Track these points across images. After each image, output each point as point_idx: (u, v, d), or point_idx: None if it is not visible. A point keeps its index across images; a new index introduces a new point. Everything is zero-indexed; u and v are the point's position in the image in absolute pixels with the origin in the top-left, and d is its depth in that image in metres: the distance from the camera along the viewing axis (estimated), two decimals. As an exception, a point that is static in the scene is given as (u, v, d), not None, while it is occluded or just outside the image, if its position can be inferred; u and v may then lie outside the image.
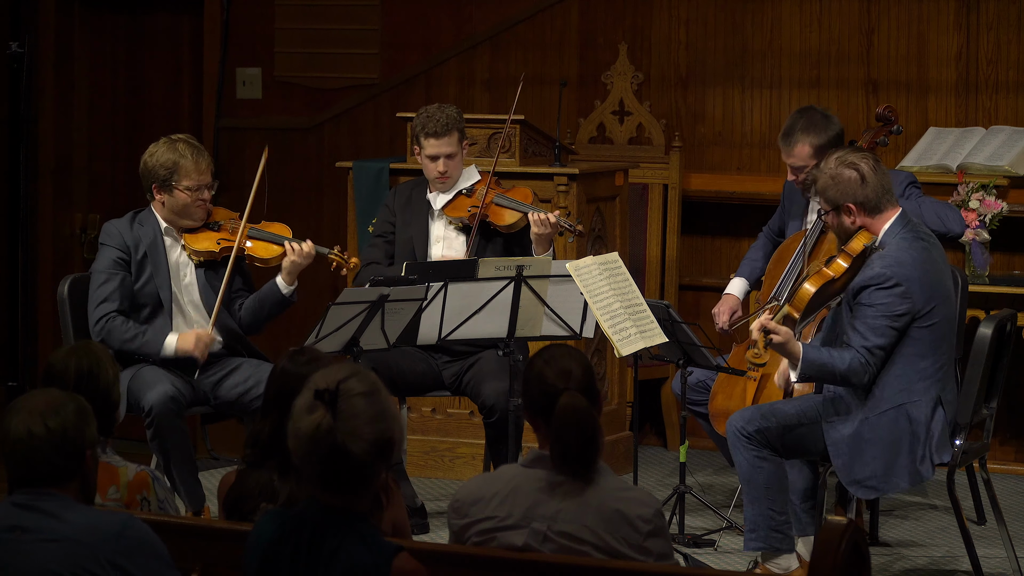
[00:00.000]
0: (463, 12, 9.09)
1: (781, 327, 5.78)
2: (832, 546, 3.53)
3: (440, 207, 6.95)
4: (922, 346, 5.81)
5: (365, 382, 3.53)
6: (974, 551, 6.09)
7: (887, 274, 5.76)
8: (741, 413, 6.00)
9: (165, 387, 6.30)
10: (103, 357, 4.56)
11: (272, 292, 6.64)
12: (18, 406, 3.85)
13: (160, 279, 6.55)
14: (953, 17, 8.28)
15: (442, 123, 6.87)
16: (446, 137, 6.88)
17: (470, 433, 7.77)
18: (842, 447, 5.82)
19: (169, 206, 6.58)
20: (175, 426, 6.27)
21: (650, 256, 8.51)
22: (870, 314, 5.77)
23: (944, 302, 5.87)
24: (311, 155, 9.31)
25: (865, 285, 5.78)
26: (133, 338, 6.46)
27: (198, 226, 6.64)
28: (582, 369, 4.11)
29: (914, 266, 5.80)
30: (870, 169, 5.89)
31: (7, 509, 3.83)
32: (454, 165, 6.92)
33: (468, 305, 6.32)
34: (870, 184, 5.87)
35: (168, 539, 3.91)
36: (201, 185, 6.57)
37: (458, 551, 4.02)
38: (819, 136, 6.72)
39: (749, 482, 5.94)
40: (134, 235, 6.57)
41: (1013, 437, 8.14)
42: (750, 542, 5.98)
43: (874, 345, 5.76)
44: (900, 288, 5.75)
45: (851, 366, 5.75)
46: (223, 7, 9.24)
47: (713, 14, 8.66)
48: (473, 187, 6.95)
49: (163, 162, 6.56)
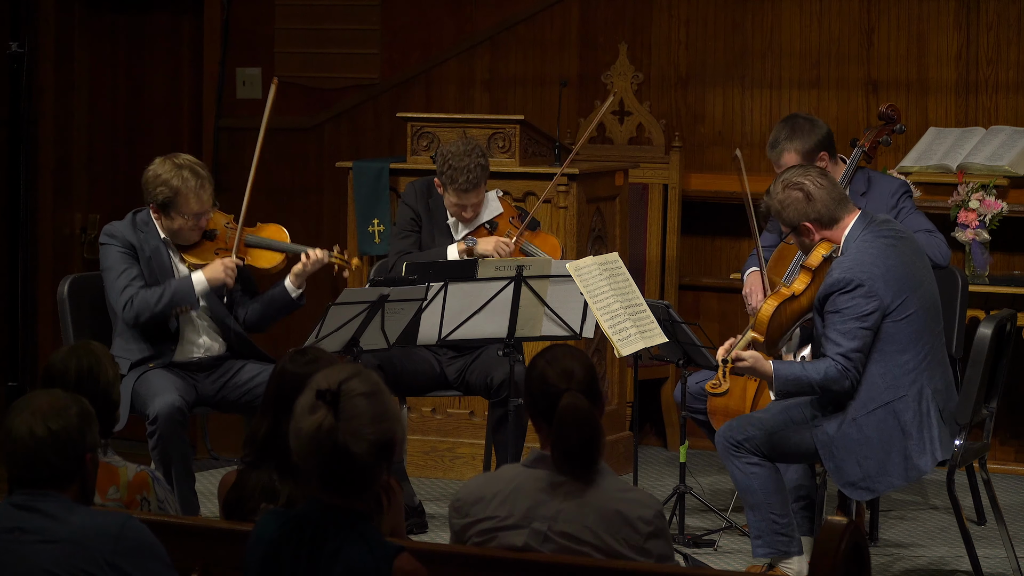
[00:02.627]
0: (463, 12, 9.09)
1: (745, 352, 5.79)
2: (832, 546, 3.53)
3: (461, 236, 6.87)
4: (901, 340, 5.79)
5: (367, 382, 3.53)
6: (974, 551, 6.09)
7: (847, 277, 5.74)
8: (728, 424, 6.00)
9: (172, 396, 6.26)
10: (103, 357, 4.56)
11: (281, 295, 6.62)
12: (21, 406, 3.84)
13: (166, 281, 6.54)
14: (953, 17, 8.28)
15: (471, 181, 6.68)
16: (473, 191, 6.74)
17: (470, 433, 7.77)
18: (831, 450, 5.81)
19: (165, 225, 6.54)
20: (178, 436, 6.26)
21: (650, 256, 8.51)
22: (838, 320, 5.74)
23: (916, 292, 5.81)
24: (311, 155, 9.32)
25: (828, 292, 5.77)
26: (160, 297, 6.41)
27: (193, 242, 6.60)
28: (584, 370, 4.11)
29: (875, 263, 5.77)
30: (815, 185, 5.86)
31: (6, 510, 3.82)
32: (479, 206, 6.82)
33: (468, 305, 6.32)
34: (817, 199, 5.84)
35: (168, 539, 3.91)
36: (200, 214, 6.50)
37: (458, 551, 4.02)
38: (804, 141, 6.69)
39: (746, 490, 5.93)
40: (137, 237, 6.55)
41: (1013, 437, 8.14)
42: (758, 549, 5.97)
43: (848, 349, 5.74)
44: (863, 288, 5.73)
45: (827, 375, 5.73)
46: (223, 7, 9.24)
47: (713, 14, 8.66)
48: (496, 222, 6.85)
49: (166, 186, 6.46)
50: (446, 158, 6.73)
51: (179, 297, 6.43)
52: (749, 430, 5.91)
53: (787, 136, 6.72)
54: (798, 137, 6.70)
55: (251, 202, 6.60)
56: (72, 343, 5.91)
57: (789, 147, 6.71)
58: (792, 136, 6.71)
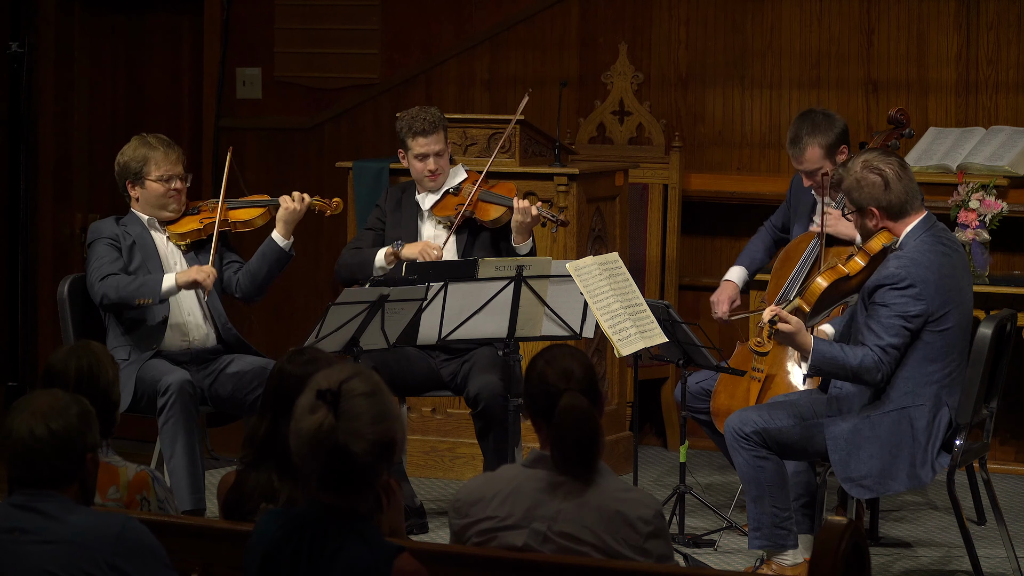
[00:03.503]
0: (463, 12, 9.09)
1: (791, 316, 5.76)
2: (832, 546, 3.53)
3: (428, 207, 6.97)
4: (932, 350, 5.81)
5: (367, 382, 3.53)
6: (974, 551, 6.08)
7: (901, 274, 5.76)
8: (738, 414, 6.00)
9: (182, 373, 6.37)
10: (103, 357, 4.56)
11: (271, 248, 6.71)
12: (21, 406, 3.85)
13: (152, 266, 6.59)
14: (953, 17, 8.28)
15: (429, 121, 6.93)
16: (434, 135, 6.92)
17: (470, 433, 7.74)
18: (840, 442, 5.83)
19: (144, 199, 6.67)
20: (191, 412, 6.29)
21: (650, 256, 8.51)
22: (884, 314, 5.76)
23: (958, 309, 5.85)
24: (311, 155, 9.32)
25: (879, 284, 5.78)
26: (132, 282, 6.51)
27: (177, 216, 6.72)
28: (584, 370, 4.11)
29: (930, 268, 5.79)
30: (895, 175, 5.88)
31: (6, 510, 3.82)
32: (443, 163, 6.97)
33: (468, 305, 6.33)
34: (894, 190, 5.87)
35: (168, 539, 3.91)
36: (172, 175, 6.67)
37: (458, 551, 4.02)
38: (826, 136, 6.77)
39: (751, 482, 5.95)
40: (121, 230, 6.65)
41: (1013, 437, 8.14)
42: (754, 540, 5.98)
43: (888, 344, 5.75)
44: (914, 289, 5.75)
45: (863, 362, 5.74)
46: (223, 7, 9.23)
47: (713, 14, 8.66)
48: (460, 185, 6.99)
49: (134, 156, 6.68)
50: (402, 117, 7.02)
51: (145, 289, 6.51)
52: (760, 422, 5.91)
53: (809, 131, 6.76)
54: (820, 132, 6.76)
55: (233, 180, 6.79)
56: (72, 343, 5.92)
57: (812, 142, 6.75)
58: (814, 131, 6.76)
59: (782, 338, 5.79)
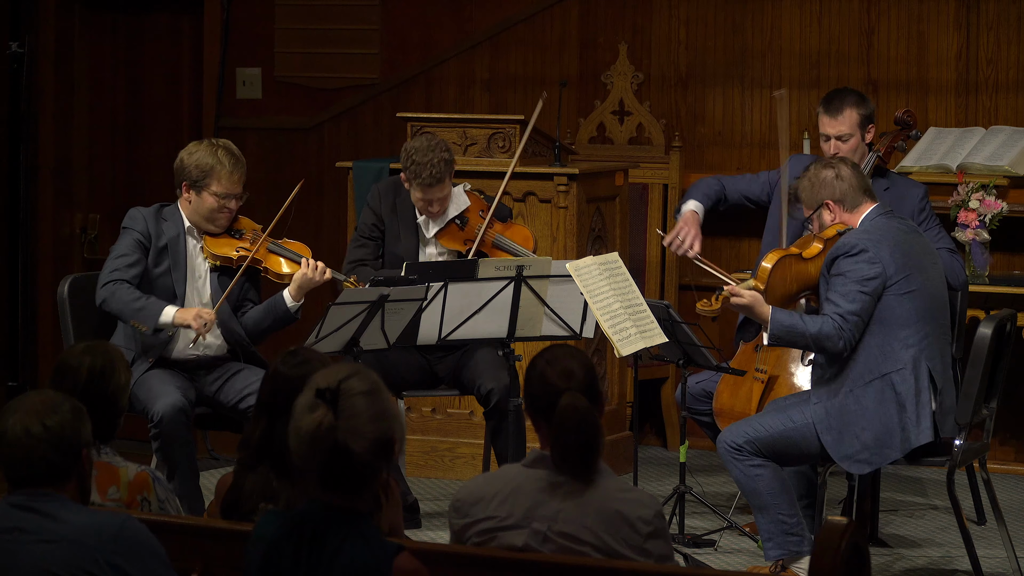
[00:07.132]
0: (463, 12, 9.09)
1: (746, 291, 5.93)
2: (832, 546, 3.53)
3: (432, 234, 6.90)
4: (901, 316, 5.86)
5: (366, 381, 3.53)
6: (974, 551, 6.09)
7: (852, 241, 5.90)
8: (727, 430, 6.03)
9: (174, 397, 6.25)
10: (119, 362, 4.53)
11: (278, 304, 6.55)
12: (13, 407, 3.85)
13: (177, 274, 6.52)
14: (953, 17, 8.28)
15: (434, 175, 6.68)
16: (438, 186, 6.73)
17: (470, 433, 7.77)
18: (829, 422, 5.85)
19: (195, 207, 6.54)
20: (183, 438, 6.24)
21: (650, 256, 8.51)
22: (839, 283, 5.87)
23: (921, 274, 5.92)
24: (311, 155, 9.32)
25: (834, 256, 5.91)
26: (135, 300, 6.39)
27: (220, 232, 6.60)
28: (584, 369, 4.11)
29: (883, 235, 5.93)
30: (847, 169, 6.07)
31: (5, 510, 3.83)
32: (445, 201, 6.82)
33: (468, 305, 6.32)
34: (846, 179, 6.04)
35: (168, 539, 3.91)
36: (230, 194, 6.52)
37: (458, 551, 4.02)
38: (864, 107, 6.81)
39: (751, 493, 5.94)
40: (158, 226, 6.54)
41: (1013, 437, 8.14)
42: (770, 551, 5.96)
43: (846, 311, 5.83)
44: (867, 254, 5.86)
45: (822, 330, 5.83)
46: (223, 7, 9.24)
47: (713, 14, 8.66)
48: (465, 216, 6.87)
49: (199, 163, 6.50)
50: (409, 154, 6.75)
51: (143, 315, 6.39)
52: (749, 433, 5.92)
53: (854, 101, 6.76)
54: (861, 104, 6.80)
55: (284, 217, 6.53)
56: (72, 343, 5.91)
57: (851, 108, 6.77)
58: (859, 101, 6.78)
59: (737, 308, 5.97)
